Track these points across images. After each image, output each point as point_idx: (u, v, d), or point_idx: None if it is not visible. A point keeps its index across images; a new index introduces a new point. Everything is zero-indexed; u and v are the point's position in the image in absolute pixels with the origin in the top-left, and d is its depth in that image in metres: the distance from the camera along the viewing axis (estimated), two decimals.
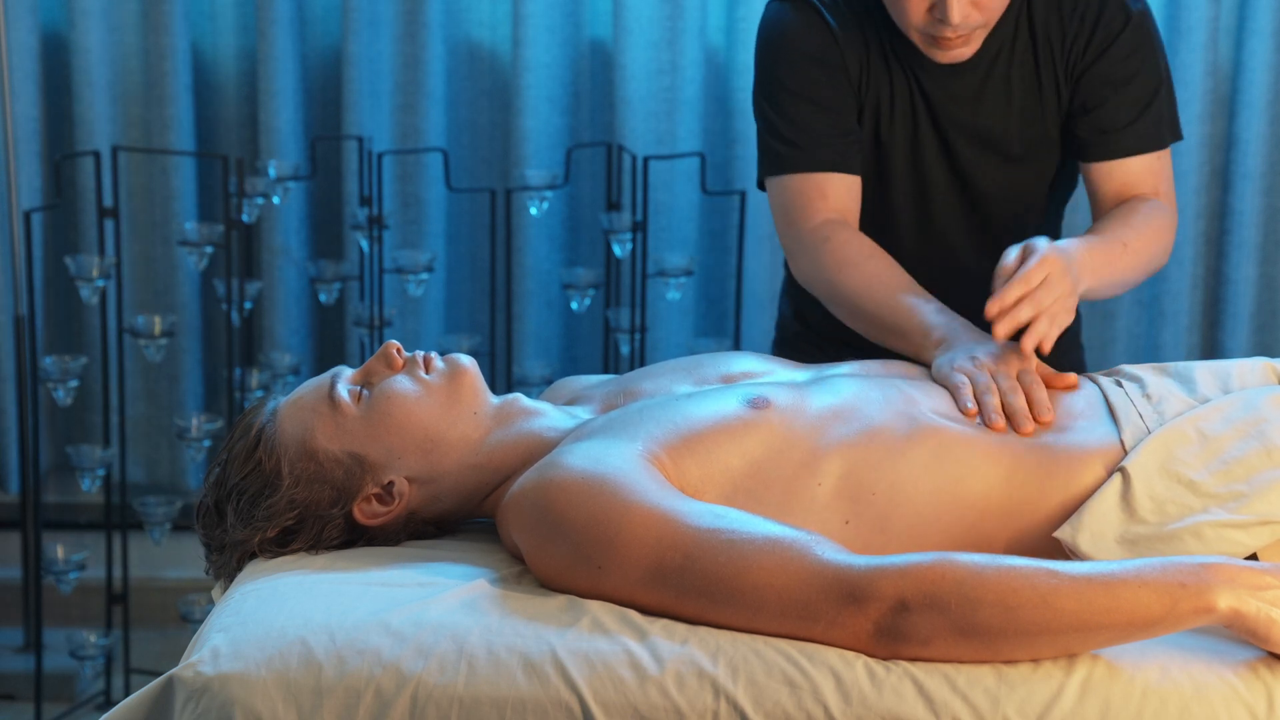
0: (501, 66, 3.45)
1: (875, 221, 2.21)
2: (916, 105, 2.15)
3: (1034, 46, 2.12)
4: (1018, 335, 1.85)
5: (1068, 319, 1.86)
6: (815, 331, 2.31)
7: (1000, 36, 2.10)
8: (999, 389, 1.77)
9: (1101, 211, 2.15)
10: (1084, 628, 1.42)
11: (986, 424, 1.73)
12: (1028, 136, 2.17)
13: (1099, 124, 2.12)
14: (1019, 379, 1.79)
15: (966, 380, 1.79)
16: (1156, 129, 2.14)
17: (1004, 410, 1.75)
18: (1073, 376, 1.83)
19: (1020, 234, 2.18)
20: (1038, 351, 1.85)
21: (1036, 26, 2.11)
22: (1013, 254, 1.85)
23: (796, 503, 1.63)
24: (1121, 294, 2.30)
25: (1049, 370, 1.84)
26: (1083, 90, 2.12)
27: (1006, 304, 1.81)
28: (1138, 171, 2.13)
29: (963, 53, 2.05)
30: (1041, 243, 1.87)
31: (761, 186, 2.22)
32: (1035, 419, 1.74)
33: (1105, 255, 1.98)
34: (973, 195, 2.21)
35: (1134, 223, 2.06)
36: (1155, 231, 2.08)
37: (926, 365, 1.92)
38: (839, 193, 2.14)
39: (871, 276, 2.06)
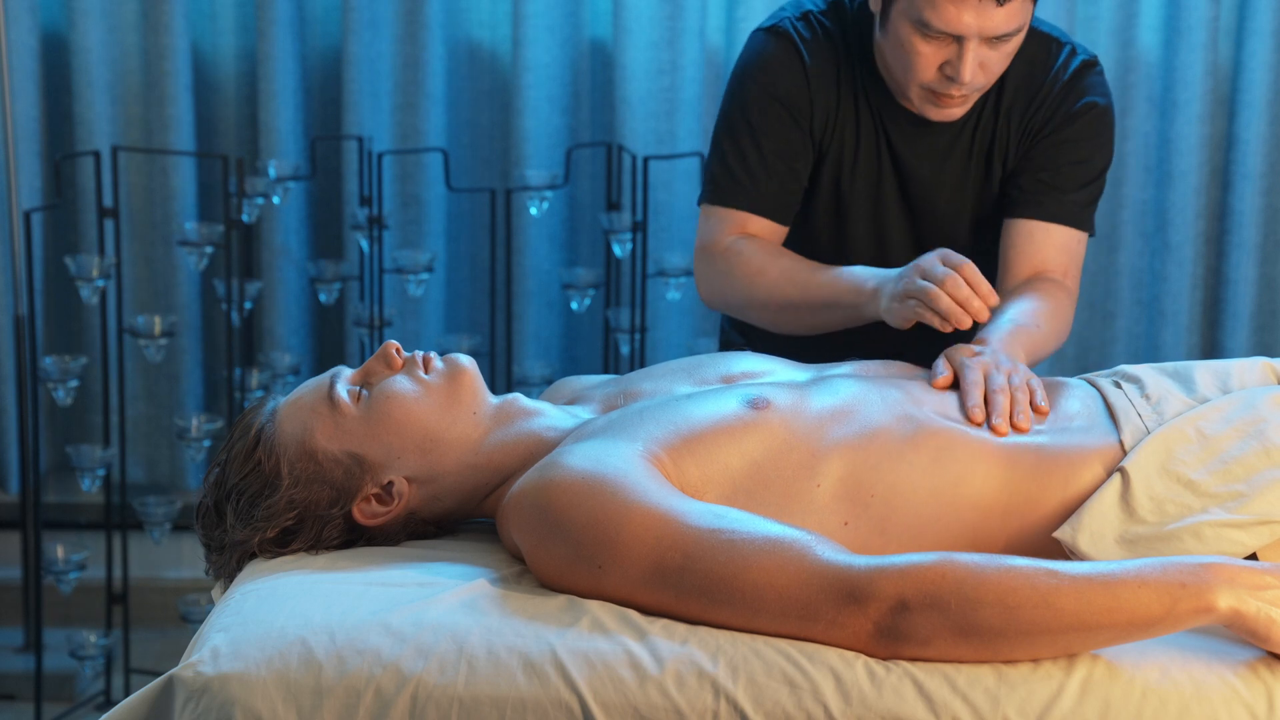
0: (501, 66, 3.45)
1: (833, 263, 2.25)
2: (882, 155, 2.20)
3: (1000, 115, 2.17)
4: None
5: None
6: (757, 339, 2.34)
7: (972, 115, 2.17)
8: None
9: (1009, 276, 2.15)
10: (1084, 627, 1.42)
11: (992, 427, 1.72)
12: (983, 199, 2.22)
13: (1039, 183, 2.16)
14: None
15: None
16: (1084, 211, 2.18)
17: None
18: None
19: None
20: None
21: (1004, 97, 2.16)
22: (941, 369, 1.83)
23: (796, 504, 1.63)
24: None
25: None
26: (1033, 153, 2.17)
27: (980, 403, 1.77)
28: (1056, 244, 2.15)
29: (956, 112, 2.11)
30: (957, 349, 1.87)
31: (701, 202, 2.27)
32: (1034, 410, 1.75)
33: (1023, 336, 1.98)
34: (929, 245, 2.24)
35: (1040, 308, 2.06)
36: (1059, 314, 2.10)
37: (868, 321, 2.01)
38: (761, 232, 2.20)
39: (786, 269, 2.14)
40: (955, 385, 1.81)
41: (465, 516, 1.79)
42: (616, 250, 3.23)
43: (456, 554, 1.70)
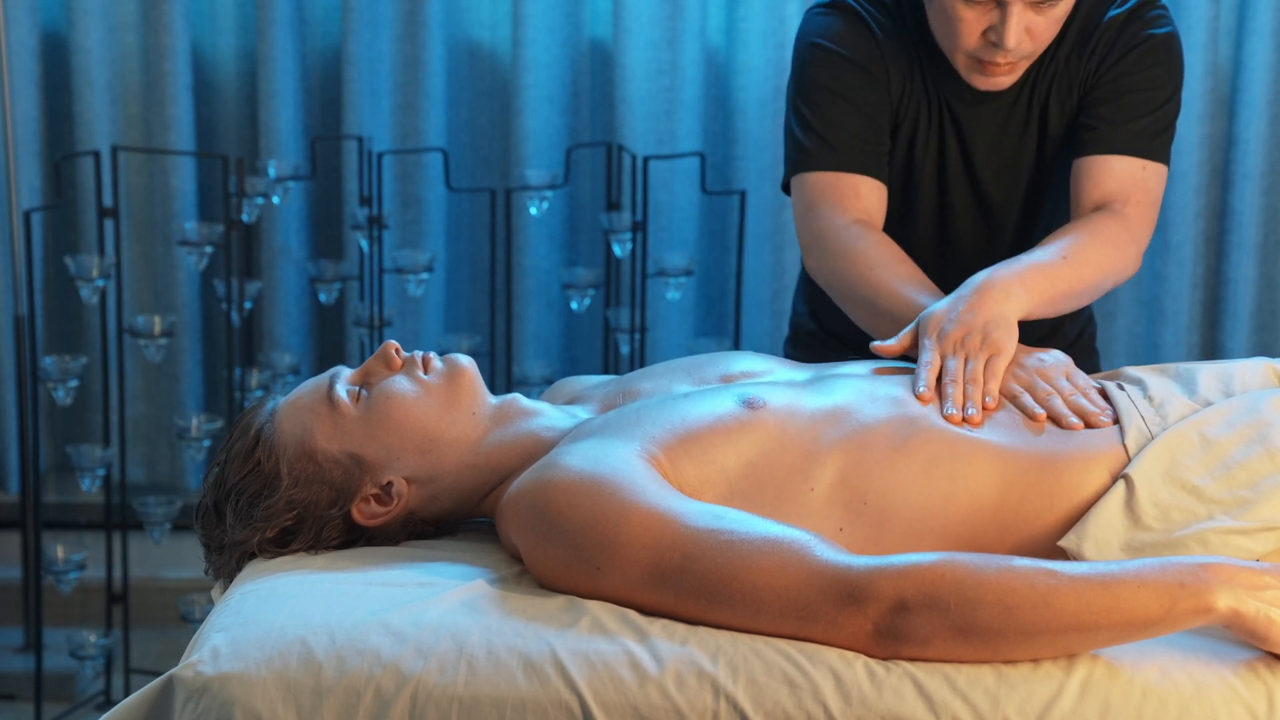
0: (501, 66, 3.45)
1: (897, 232, 2.22)
2: (946, 129, 2.17)
3: (1058, 78, 2.13)
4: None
5: (1007, 343, 1.82)
6: (828, 331, 2.31)
7: (1029, 69, 2.12)
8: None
9: (1074, 218, 2.09)
10: (1083, 628, 1.41)
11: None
12: (1045, 164, 2.18)
13: (1097, 118, 2.10)
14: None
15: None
16: (1143, 139, 2.09)
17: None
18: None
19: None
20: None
21: (1063, 47, 2.12)
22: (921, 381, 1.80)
23: (790, 507, 1.63)
24: (1087, 304, 2.20)
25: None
26: (1092, 94, 2.12)
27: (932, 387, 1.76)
28: (1117, 175, 2.07)
29: (1003, 81, 2.06)
30: (929, 316, 1.85)
31: (786, 188, 2.20)
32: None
33: (1040, 270, 1.92)
34: (991, 215, 2.22)
35: (1077, 234, 2.00)
36: (1102, 241, 2.01)
37: None
38: (869, 194, 2.14)
39: (900, 278, 2.04)
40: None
41: (464, 516, 1.78)
42: (616, 250, 3.23)
43: (456, 554, 1.70)
